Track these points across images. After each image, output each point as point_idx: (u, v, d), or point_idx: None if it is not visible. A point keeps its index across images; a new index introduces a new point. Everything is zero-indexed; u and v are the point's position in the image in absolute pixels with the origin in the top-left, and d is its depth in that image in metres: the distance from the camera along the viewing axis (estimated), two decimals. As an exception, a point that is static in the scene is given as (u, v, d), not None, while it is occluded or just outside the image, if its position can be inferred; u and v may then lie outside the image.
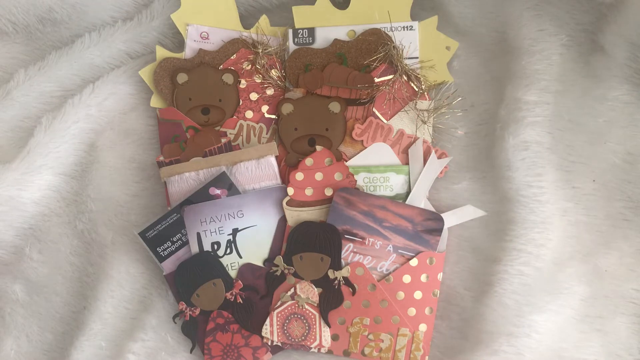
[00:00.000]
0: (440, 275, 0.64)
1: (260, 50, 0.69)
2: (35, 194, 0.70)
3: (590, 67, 0.65)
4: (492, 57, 0.68)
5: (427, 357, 0.64)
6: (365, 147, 0.66)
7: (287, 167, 0.67)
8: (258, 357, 0.65)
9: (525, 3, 0.66)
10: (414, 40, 0.67)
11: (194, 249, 0.65)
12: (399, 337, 0.63)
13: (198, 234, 0.65)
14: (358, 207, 0.64)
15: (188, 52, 0.70)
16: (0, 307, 0.70)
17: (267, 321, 0.64)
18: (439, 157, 0.66)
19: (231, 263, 0.65)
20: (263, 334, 0.64)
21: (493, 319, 0.61)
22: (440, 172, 0.66)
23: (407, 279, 0.64)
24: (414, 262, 0.63)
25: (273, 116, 0.69)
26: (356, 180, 0.65)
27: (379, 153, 0.66)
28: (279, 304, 0.64)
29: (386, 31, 0.67)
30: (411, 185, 0.65)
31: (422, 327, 0.63)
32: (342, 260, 0.64)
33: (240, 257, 0.65)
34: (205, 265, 0.65)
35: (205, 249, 0.65)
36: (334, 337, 0.64)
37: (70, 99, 0.70)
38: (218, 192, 0.65)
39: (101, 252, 0.69)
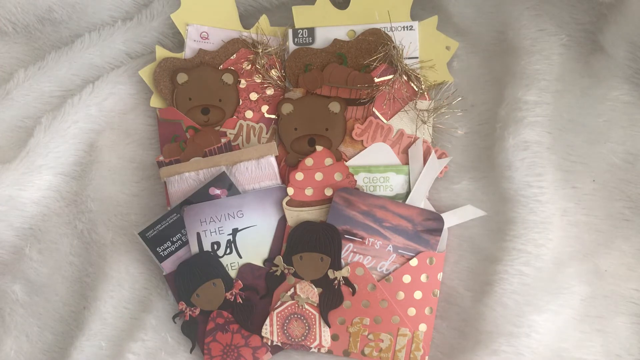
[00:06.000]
0: (440, 275, 0.64)
1: (260, 50, 0.69)
2: (35, 194, 0.70)
3: (590, 67, 0.65)
4: (492, 57, 0.68)
5: (427, 357, 0.64)
6: (365, 147, 0.66)
7: (287, 167, 0.67)
8: (258, 357, 0.65)
9: (525, 3, 0.66)
10: (414, 40, 0.67)
11: (194, 249, 0.65)
12: (399, 337, 0.63)
13: (198, 234, 0.65)
14: (358, 207, 0.64)
15: (188, 52, 0.70)
16: (0, 307, 0.70)
17: (267, 321, 0.64)
18: (439, 157, 0.66)
19: (231, 263, 0.65)
20: (263, 334, 0.64)
21: (493, 319, 0.61)
22: (440, 172, 0.66)
23: (407, 279, 0.64)
24: (414, 262, 0.63)
25: (273, 116, 0.69)
26: (356, 180, 0.65)
27: (379, 153, 0.66)
28: (278, 304, 0.64)
29: (386, 31, 0.67)
30: (411, 185, 0.65)
31: (422, 327, 0.63)
32: (342, 260, 0.64)
33: (240, 257, 0.65)
34: (205, 265, 0.65)
35: (205, 249, 0.65)
36: (334, 337, 0.64)
37: (70, 99, 0.70)
38: (218, 192, 0.65)
39: (101, 252, 0.69)
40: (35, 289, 0.70)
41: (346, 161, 0.66)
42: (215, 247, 0.65)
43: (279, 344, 0.65)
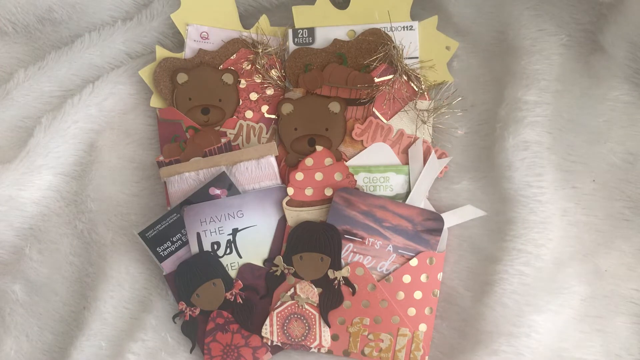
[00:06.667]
0: (440, 275, 0.64)
1: (260, 50, 0.69)
2: (35, 194, 0.70)
3: (590, 67, 0.65)
4: (492, 57, 0.68)
5: (427, 357, 0.64)
6: (365, 147, 0.66)
7: (287, 167, 0.67)
8: (258, 357, 0.65)
9: (525, 3, 0.66)
10: (414, 40, 0.67)
11: (194, 249, 0.65)
12: (398, 337, 0.63)
13: (198, 234, 0.65)
14: (358, 207, 0.64)
15: (188, 52, 0.70)
16: (0, 307, 0.70)
17: (267, 321, 0.64)
18: (439, 157, 0.66)
19: (231, 263, 0.65)
20: (263, 334, 0.64)
21: (493, 319, 0.61)
22: (440, 172, 0.66)
23: (407, 279, 0.64)
24: (414, 262, 0.63)
25: (273, 116, 0.69)
26: (356, 180, 0.65)
27: (379, 153, 0.66)
28: (278, 304, 0.64)
29: (386, 31, 0.67)
30: (411, 185, 0.65)
31: (422, 327, 0.63)
32: (342, 260, 0.64)
33: (240, 257, 0.65)
34: (205, 265, 0.65)
35: (205, 249, 0.65)
36: (334, 337, 0.64)
37: (70, 99, 0.70)
38: (218, 192, 0.65)
39: (101, 252, 0.69)
40: (35, 289, 0.70)
41: (346, 161, 0.66)
42: (215, 247, 0.65)
43: (279, 344, 0.65)
